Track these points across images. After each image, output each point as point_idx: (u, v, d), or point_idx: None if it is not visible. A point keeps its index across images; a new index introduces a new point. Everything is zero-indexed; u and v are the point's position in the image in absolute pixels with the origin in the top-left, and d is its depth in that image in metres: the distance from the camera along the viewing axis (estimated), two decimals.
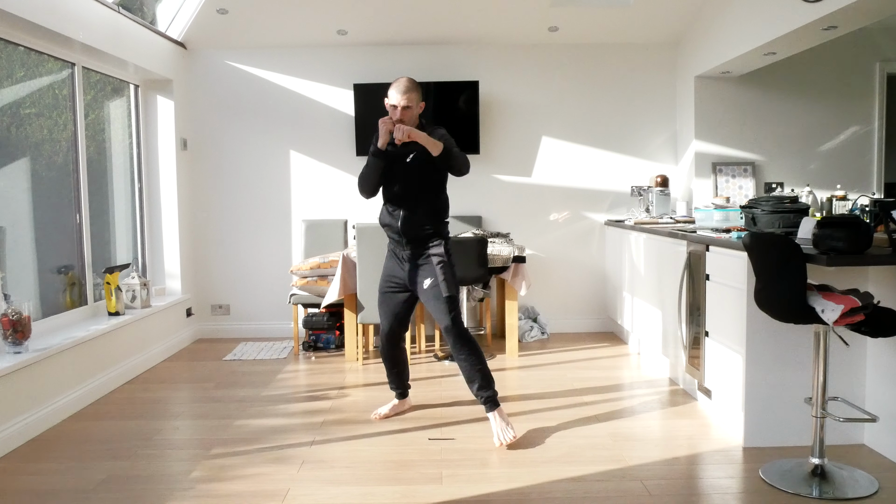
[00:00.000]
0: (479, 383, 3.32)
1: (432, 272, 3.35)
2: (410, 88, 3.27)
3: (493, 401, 3.32)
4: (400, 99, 3.24)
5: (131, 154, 5.24)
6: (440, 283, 3.32)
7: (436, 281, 3.33)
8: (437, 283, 3.33)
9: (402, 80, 3.30)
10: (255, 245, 5.77)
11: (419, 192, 3.35)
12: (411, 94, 3.26)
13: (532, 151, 5.73)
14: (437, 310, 3.33)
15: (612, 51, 5.68)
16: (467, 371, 3.33)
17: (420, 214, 3.35)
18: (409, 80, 3.30)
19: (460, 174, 3.33)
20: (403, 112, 3.25)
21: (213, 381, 4.45)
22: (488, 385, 3.33)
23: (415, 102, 3.27)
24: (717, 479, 2.84)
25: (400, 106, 3.25)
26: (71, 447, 3.31)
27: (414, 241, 3.38)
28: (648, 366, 4.66)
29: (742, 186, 5.37)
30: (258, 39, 5.52)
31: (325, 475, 2.93)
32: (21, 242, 3.89)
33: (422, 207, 3.36)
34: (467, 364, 3.32)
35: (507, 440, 3.20)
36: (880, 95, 5.37)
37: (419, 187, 3.35)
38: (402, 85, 3.27)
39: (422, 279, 3.37)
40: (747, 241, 2.83)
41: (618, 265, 5.36)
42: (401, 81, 3.29)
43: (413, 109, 3.28)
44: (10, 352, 3.47)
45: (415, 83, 3.30)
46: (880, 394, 3.08)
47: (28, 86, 3.97)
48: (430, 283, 3.34)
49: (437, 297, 3.32)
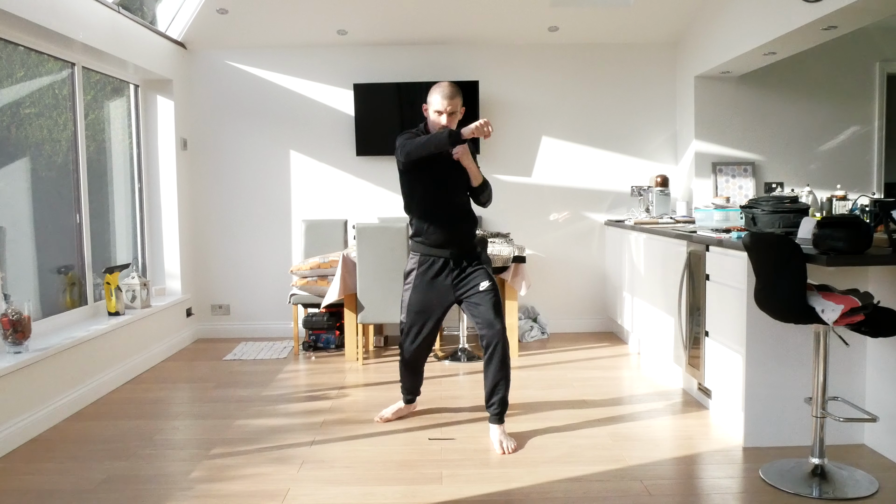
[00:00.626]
0: (502, 394, 3.26)
1: (487, 275, 3.31)
2: (456, 93, 3.20)
3: (503, 416, 3.31)
4: (447, 105, 3.17)
5: (131, 154, 5.24)
6: (496, 285, 3.32)
7: (494, 284, 3.30)
8: (495, 286, 3.30)
9: (446, 85, 3.22)
10: (255, 245, 5.77)
11: (466, 199, 3.36)
12: (457, 99, 3.20)
13: (532, 151, 5.73)
14: (492, 311, 3.24)
15: (612, 51, 5.68)
16: (496, 379, 3.25)
17: (472, 221, 3.37)
18: (452, 86, 3.22)
19: (483, 206, 3.37)
20: (450, 119, 3.19)
21: (213, 381, 4.45)
22: (505, 399, 3.28)
23: (459, 107, 3.22)
24: (717, 479, 2.84)
25: (447, 112, 3.18)
26: (71, 447, 3.31)
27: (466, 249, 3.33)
28: (648, 366, 4.66)
29: (742, 186, 5.37)
30: (258, 39, 5.52)
31: (325, 475, 2.93)
32: (21, 242, 3.89)
33: (471, 214, 3.37)
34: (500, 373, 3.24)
35: (510, 448, 3.16)
36: (880, 95, 5.37)
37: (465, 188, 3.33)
38: (448, 90, 3.19)
39: (477, 282, 3.29)
40: (747, 241, 2.83)
41: (618, 265, 5.36)
42: (444, 87, 3.21)
43: (457, 115, 3.23)
44: (10, 352, 3.47)
45: (458, 88, 3.23)
46: (880, 394, 3.09)
47: (28, 86, 3.97)
48: (489, 286, 3.27)
49: (495, 298, 3.26)
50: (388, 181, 5.70)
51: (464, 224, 3.32)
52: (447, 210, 3.30)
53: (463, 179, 3.30)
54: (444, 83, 3.24)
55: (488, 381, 3.27)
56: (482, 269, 3.33)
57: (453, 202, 3.31)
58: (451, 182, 3.29)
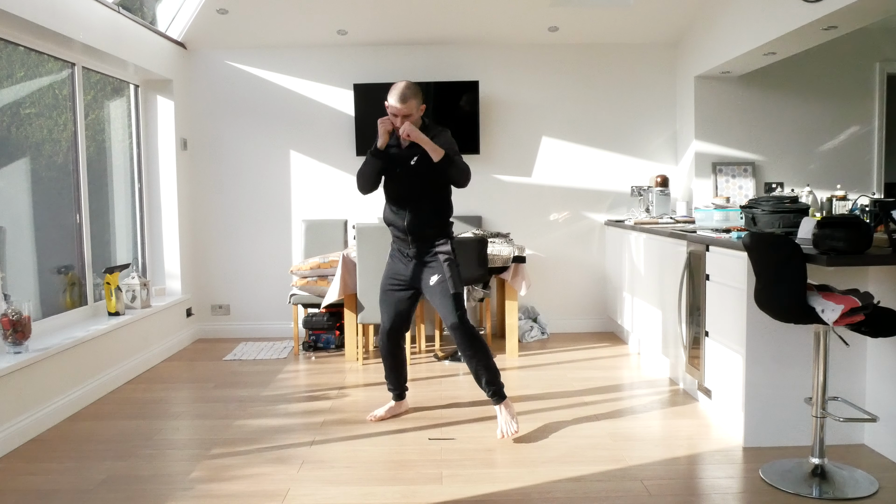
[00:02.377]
0: (486, 377, 3.36)
1: (440, 269, 3.35)
2: (409, 96, 3.21)
3: (500, 394, 3.37)
4: (399, 108, 3.21)
5: (131, 154, 5.24)
6: (447, 280, 3.33)
7: (443, 278, 3.34)
8: (444, 279, 3.33)
9: (400, 85, 3.23)
10: (255, 245, 5.77)
11: (423, 194, 3.35)
12: (410, 101, 3.21)
13: (532, 151, 5.73)
14: (444, 307, 3.33)
15: (612, 51, 5.68)
16: (474, 367, 3.36)
17: (425, 214, 3.36)
18: (406, 87, 3.23)
19: (458, 185, 3.32)
20: (403, 120, 3.23)
21: (213, 381, 4.45)
22: (495, 379, 3.37)
23: (415, 108, 3.24)
24: (717, 479, 2.84)
25: (399, 115, 3.22)
26: (71, 447, 3.31)
27: (420, 240, 3.38)
28: (648, 366, 4.66)
29: (742, 186, 5.37)
30: (258, 39, 5.52)
31: (325, 475, 2.93)
32: (21, 242, 3.89)
33: (426, 208, 3.36)
34: (474, 361, 3.35)
35: (510, 433, 3.25)
36: (880, 95, 5.37)
37: (423, 188, 3.35)
38: (400, 92, 3.21)
39: (428, 276, 3.37)
40: (747, 241, 2.83)
41: (618, 265, 5.36)
42: (398, 88, 3.22)
43: (413, 115, 3.25)
44: (10, 352, 3.47)
45: (413, 88, 3.24)
46: (880, 394, 3.08)
47: (28, 86, 3.97)
48: (438, 280, 3.34)
49: (445, 293, 3.32)
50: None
51: (418, 218, 3.35)
52: (404, 204, 3.37)
53: (422, 176, 3.32)
54: (399, 84, 3.24)
55: (470, 368, 3.38)
56: (436, 262, 3.37)
57: (409, 197, 3.36)
58: (406, 178, 3.35)
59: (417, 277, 3.42)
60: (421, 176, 3.33)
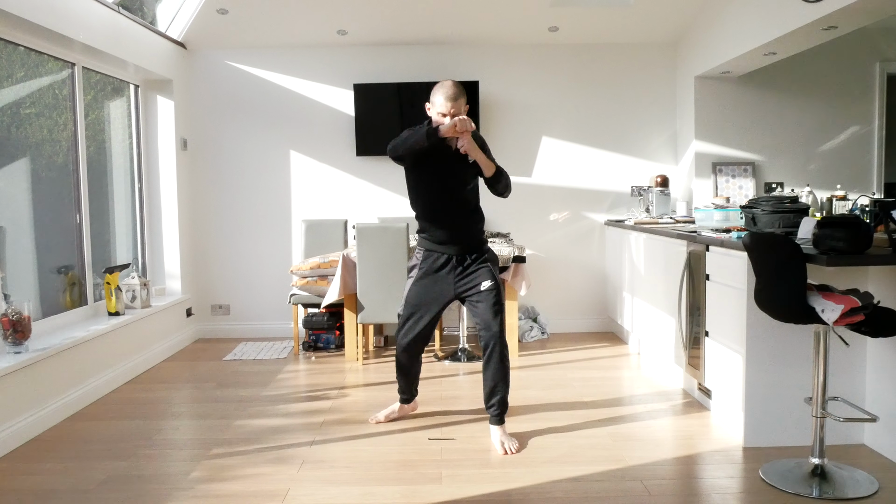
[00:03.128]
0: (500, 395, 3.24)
1: (490, 275, 3.26)
2: (459, 94, 3.11)
3: (503, 417, 3.29)
4: (450, 107, 3.09)
5: (131, 154, 5.24)
6: (500, 287, 3.26)
7: (496, 284, 3.24)
8: (496, 286, 3.24)
9: (448, 84, 3.13)
10: (255, 245, 5.77)
11: (469, 196, 3.29)
12: (460, 100, 3.12)
13: (532, 151, 5.73)
14: (489, 312, 3.21)
15: (612, 51, 5.68)
16: (492, 380, 3.24)
17: (476, 217, 3.32)
18: (454, 86, 3.13)
19: (502, 196, 3.30)
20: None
21: (213, 381, 4.45)
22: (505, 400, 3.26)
23: (462, 108, 3.15)
24: (717, 479, 2.84)
25: (450, 114, 3.10)
26: (71, 447, 3.31)
27: (474, 243, 3.30)
28: (648, 366, 4.66)
29: (742, 186, 5.37)
30: (258, 39, 5.52)
31: (325, 475, 2.93)
32: (21, 242, 3.89)
33: (476, 210, 3.33)
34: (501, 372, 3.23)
35: (512, 450, 3.15)
36: (880, 95, 5.37)
37: (469, 190, 3.29)
38: (451, 91, 3.10)
39: (479, 280, 3.25)
40: (747, 241, 2.83)
41: (618, 265, 5.36)
42: (447, 86, 3.12)
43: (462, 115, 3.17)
44: (10, 352, 3.47)
45: (460, 87, 3.14)
46: (880, 394, 3.08)
47: (28, 86, 3.97)
48: (491, 286, 3.23)
49: (493, 300, 3.22)
50: (388, 181, 5.70)
51: (467, 221, 3.28)
52: (449, 207, 3.26)
53: (466, 176, 3.26)
54: (447, 83, 3.15)
55: (487, 383, 3.26)
56: (486, 268, 3.28)
57: (456, 199, 3.26)
58: (452, 179, 3.24)
59: (463, 285, 3.28)
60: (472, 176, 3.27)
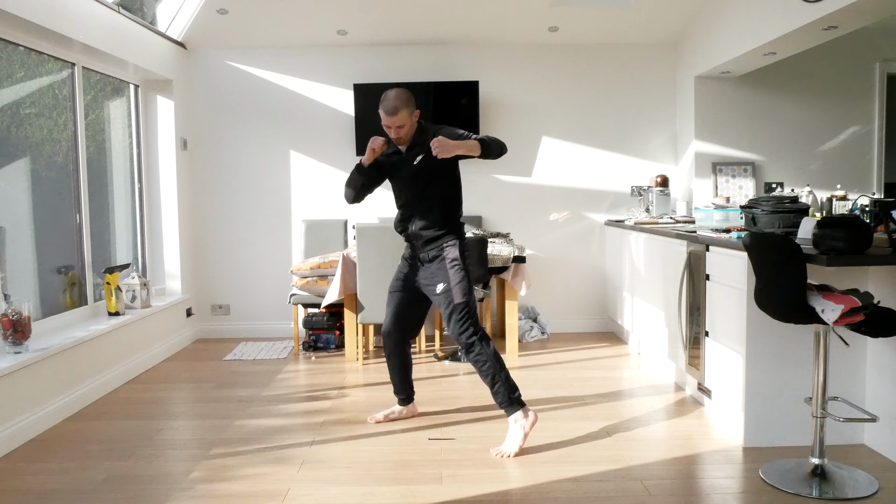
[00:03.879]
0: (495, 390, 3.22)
1: (445, 276, 3.26)
2: (398, 107, 3.12)
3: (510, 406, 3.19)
4: (391, 121, 3.15)
5: (131, 154, 5.24)
6: (452, 288, 3.23)
7: (448, 286, 3.24)
8: (448, 288, 3.24)
9: (389, 96, 3.14)
10: (255, 245, 5.77)
11: (431, 194, 3.28)
12: (401, 112, 3.13)
13: (532, 151, 5.73)
14: (446, 316, 3.26)
15: (612, 51, 5.68)
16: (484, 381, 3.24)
17: (432, 216, 3.28)
18: (395, 97, 3.13)
19: (500, 156, 3.23)
20: (397, 131, 3.19)
21: (213, 381, 4.45)
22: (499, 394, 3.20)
23: (406, 119, 3.16)
24: (717, 479, 2.84)
25: (394, 126, 3.17)
26: (71, 447, 3.31)
27: (427, 243, 3.31)
28: (648, 366, 4.66)
29: (742, 186, 5.37)
30: (258, 39, 5.52)
31: (325, 475, 2.93)
32: (21, 242, 3.89)
33: (435, 209, 3.29)
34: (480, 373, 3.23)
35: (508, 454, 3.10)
36: (880, 95, 5.37)
37: (430, 188, 3.28)
38: (390, 105, 3.12)
39: (435, 283, 3.28)
40: (747, 241, 2.83)
41: (618, 265, 5.36)
42: (387, 100, 3.14)
43: (407, 125, 3.19)
44: (10, 352, 3.47)
45: (403, 98, 3.14)
46: (880, 394, 3.08)
47: (28, 86, 3.97)
48: (443, 289, 3.26)
49: (448, 303, 3.24)
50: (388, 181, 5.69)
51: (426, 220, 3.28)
52: (412, 207, 3.33)
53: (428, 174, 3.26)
54: (388, 95, 3.15)
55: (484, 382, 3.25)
56: (442, 268, 3.26)
57: (417, 199, 3.31)
58: (412, 181, 3.31)
59: (425, 282, 3.34)
60: (426, 176, 3.27)
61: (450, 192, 3.32)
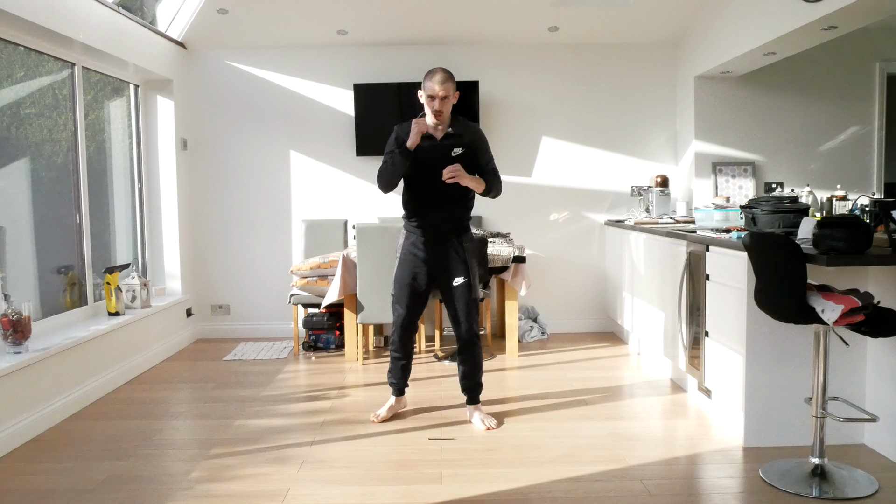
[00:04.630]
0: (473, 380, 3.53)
1: (465, 271, 3.38)
2: (448, 78, 3.26)
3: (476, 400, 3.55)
4: (439, 89, 3.23)
5: (131, 154, 5.24)
6: (473, 283, 3.39)
7: (469, 281, 3.38)
8: (469, 282, 3.38)
9: (438, 70, 3.28)
10: (255, 245, 5.77)
11: (457, 186, 3.36)
12: (449, 83, 3.26)
13: (532, 151, 5.73)
14: (461, 309, 3.39)
15: (612, 51, 5.68)
16: (463, 373, 3.51)
17: (457, 208, 3.41)
18: (445, 71, 3.28)
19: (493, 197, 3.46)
20: (442, 103, 3.25)
21: (213, 381, 4.45)
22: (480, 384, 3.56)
23: (451, 92, 3.28)
24: (717, 479, 2.84)
25: (439, 96, 3.23)
26: (71, 447, 3.31)
27: (449, 234, 3.40)
28: (648, 366, 4.66)
29: (742, 186, 5.37)
30: (258, 39, 5.52)
31: (325, 475, 2.93)
32: (21, 242, 3.89)
33: (459, 201, 3.41)
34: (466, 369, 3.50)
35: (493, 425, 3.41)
36: (880, 95, 5.37)
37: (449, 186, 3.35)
38: (440, 75, 3.25)
39: (454, 274, 3.39)
40: (747, 241, 2.83)
41: (618, 265, 5.36)
42: (437, 72, 3.27)
43: (450, 100, 3.29)
44: (10, 352, 3.47)
45: (450, 73, 3.29)
46: (880, 394, 3.08)
47: (28, 86, 3.97)
48: (463, 282, 3.38)
49: (467, 297, 3.39)
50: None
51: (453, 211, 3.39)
52: (439, 196, 3.37)
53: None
54: (437, 69, 3.30)
55: (461, 369, 3.49)
56: (461, 261, 3.39)
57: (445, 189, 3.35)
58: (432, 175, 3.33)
59: (441, 273, 3.43)
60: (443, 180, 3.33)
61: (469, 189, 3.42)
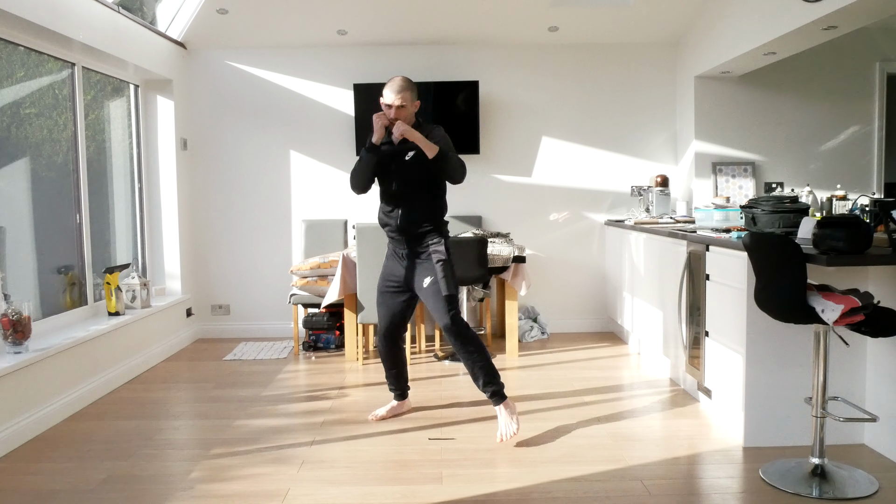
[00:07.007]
0: (483, 379, 3.33)
1: (432, 270, 3.36)
2: (404, 87, 3.28)
3: (500, 394, 3.33)
4: (394, 98, 3.26)
5: (131, 154, 5.24)
6: (440, 281, 3.33)
7: (435, 279, 3.34)
8: (436, 281, 3.34)
9: (397, 78, 3.31)
10: (255, 245, 5.77)
11: (418, 190, 3.36)
12: (405, 93, 3.27)
13: (532, 151, 5.73)
14: (437, 308, 3.34)
15: (612, 51, 5.68)
16: (470, 367, 3.34)
17: (419, 212, 3.36)
18: (403, 79, 3.31)
19: (453, 181, 3.33)
20: (398, 111, 3.28)
21: (213, 381, 4.45)
22: (493, 380, 3.33)
23: (409, 101, 3.29)
24: (717, 479, 2.84)
25: (394, 105, 3.27)
26: (71, 447, 3.31)
27: (413, 240, 3.39)
28: (648, 366, 4.66)
29: (742, 186, 5.37)
30: (258, 39, 5.52)
31: (325, 475, 2.93)
32: (21, 242, 3.89)
33: (420, 206, 3.37)
34: (470, 360, 3.33)
35: (510, 435, 3.22)
36: (880, 95, 5.37)
37: (418, 185, 3.36)
38: (396, 84, 3.28)
39: (421, 278, 3.38)
40: (747, 241, 2.83)
41: (618, 265, 5.36)
42: (395, 80, 3.30)
43: (407, 108, 3.29)
44: (10, 352, 3.47)
45: (409, 82, 3.32)
46: (880, 394, 3.09)
47: (28, 86, 3.97)
48: (430, 282, 3.35)
49: (437, 295, 3.33)
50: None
51: (411, 216, 3.36)
52: (397, 202, 3.38)
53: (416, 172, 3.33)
54: (396, 77, 3.32)
55: (467, 368, 3.37)
56: (429, 264, 3.37)
57: (403, 194, 3.37)
58: (400, 175, 3.36)
59: (411, 278, 3.43)
60: (415, 172, 3.34)
61: (436, 191, 3.41)
